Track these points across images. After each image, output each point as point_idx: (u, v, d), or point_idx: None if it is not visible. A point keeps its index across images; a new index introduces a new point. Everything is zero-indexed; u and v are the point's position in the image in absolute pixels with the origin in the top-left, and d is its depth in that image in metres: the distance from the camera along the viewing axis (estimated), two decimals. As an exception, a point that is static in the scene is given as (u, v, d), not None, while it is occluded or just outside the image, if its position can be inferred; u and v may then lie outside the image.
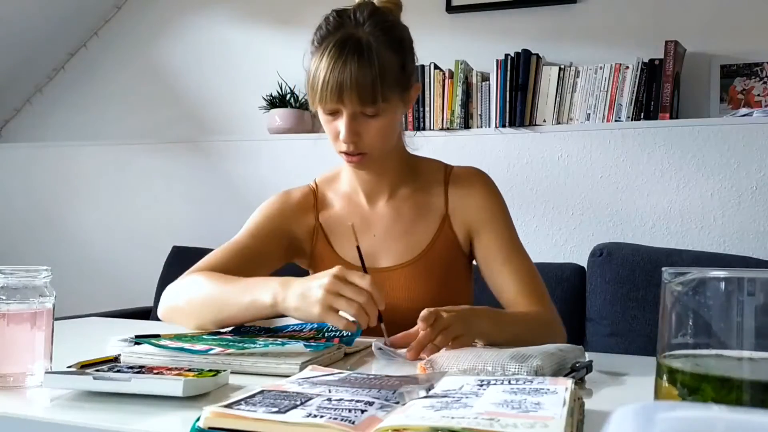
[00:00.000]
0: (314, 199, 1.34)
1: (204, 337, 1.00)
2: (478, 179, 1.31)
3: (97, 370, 0.73)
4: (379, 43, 1.14)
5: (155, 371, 0.73)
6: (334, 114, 1.17)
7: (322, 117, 1.19)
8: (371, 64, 1.12)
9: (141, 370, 0.74)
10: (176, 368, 0.76)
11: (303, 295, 0.98)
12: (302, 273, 1.31)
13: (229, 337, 1.02)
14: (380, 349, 0.98)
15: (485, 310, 1.09)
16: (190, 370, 0.75)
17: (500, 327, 1.07)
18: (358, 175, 1.29)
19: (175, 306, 1.17)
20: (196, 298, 1.13)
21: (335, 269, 0.98)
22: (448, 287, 1.27)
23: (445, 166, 1.34)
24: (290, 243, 1.32)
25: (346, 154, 1.18)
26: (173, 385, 0.67)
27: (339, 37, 1.14)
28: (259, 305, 1.05)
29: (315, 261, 1.34)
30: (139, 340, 0.99)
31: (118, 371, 0.72)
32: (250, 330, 1.11)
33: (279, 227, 1.31)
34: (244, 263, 1.24)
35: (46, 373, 0.72)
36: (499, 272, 1.25)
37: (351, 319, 0.96)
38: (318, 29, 1.19)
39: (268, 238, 1.29)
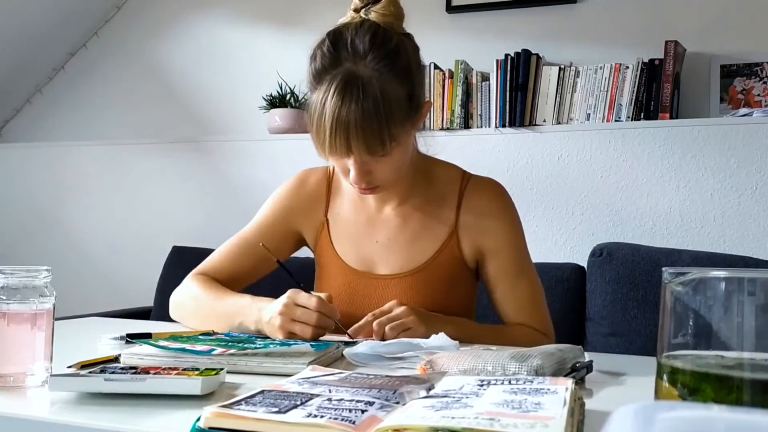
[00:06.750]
0: (327, 188, 1.32)
1: (200, 337, 1.00)
2: (495, 197, 1.26)
3: (102, 370, 0.73)
4: (384, 78, 1.07)
5: (153, 371, 0.73)
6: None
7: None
8: (377, 109, 1.05)
9: (138, 371, 0.74)
10: (174, 368, 0.76)
11: (269, 323, 1.06)
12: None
13: (227, 337, 1.03)
14: (355, 354, 0.93)
15: (455, 320, 1.15)
16: (186, 369, 0.75)
17: (468, 336, 1.08)
18: None
19: (181, 317, 1.28)
20: (194, 314, 1.24)
21: (286, 295, 1.06)
22: (447, 303, 1.22)
23: (462, 174, 1.28)
24: (298, 235, 1.34)
25: (359, 186, 1.16)
26: (191, 384, 0.68)
27: (339, 77, 1.06)
28: (245, 329, 1.13)
29: (317, 256, 1.33)
30: (130, 339, 1.02)
31: (114, 372, 0.72)
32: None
33: (287, 222, 1.32)
34: (249, 262, 1.30)
35: (51, 375, 0.71)
36: (503, 296, 1.25)
37: (308, 342, 0.96)
38: (312, 59, 1.11)
39: (274, 234, 1.30)
